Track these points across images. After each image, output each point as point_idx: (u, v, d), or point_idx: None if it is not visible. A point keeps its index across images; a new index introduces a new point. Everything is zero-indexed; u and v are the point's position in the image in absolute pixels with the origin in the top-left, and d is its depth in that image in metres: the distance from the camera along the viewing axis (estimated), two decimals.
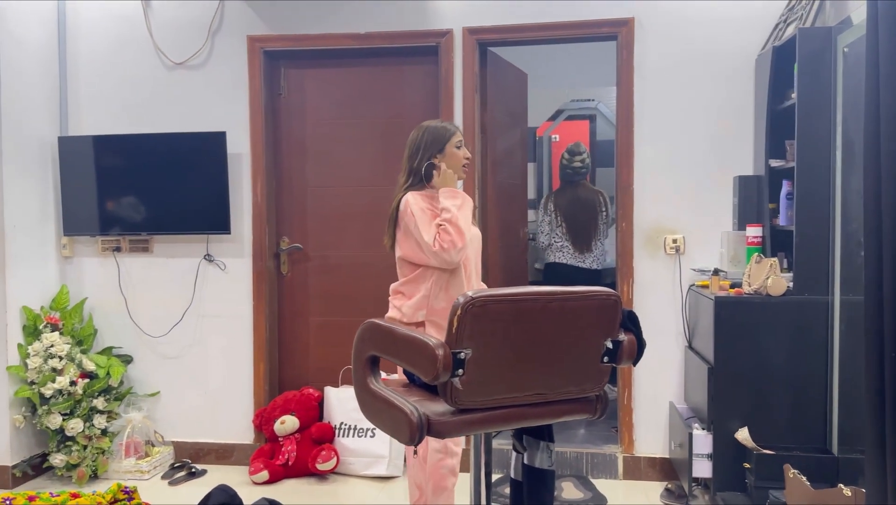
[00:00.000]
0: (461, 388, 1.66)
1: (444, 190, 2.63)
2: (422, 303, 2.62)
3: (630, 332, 1.87)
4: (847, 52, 2.87)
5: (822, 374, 2.96)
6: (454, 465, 2.64)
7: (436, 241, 2.52)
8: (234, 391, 3.93)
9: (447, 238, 2.52)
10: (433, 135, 2.68)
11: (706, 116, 3.55)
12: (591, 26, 3.62)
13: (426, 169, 2.65)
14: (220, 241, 3.90)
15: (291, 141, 3.97)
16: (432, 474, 2.60)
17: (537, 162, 5.83)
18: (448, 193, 2.61)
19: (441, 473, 2.60)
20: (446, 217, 2.55)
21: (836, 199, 2.92)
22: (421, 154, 2.67)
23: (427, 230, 2.55)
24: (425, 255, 2.58)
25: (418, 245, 2.59)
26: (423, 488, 2.63)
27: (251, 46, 3.85)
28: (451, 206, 2.56)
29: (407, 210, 2.59)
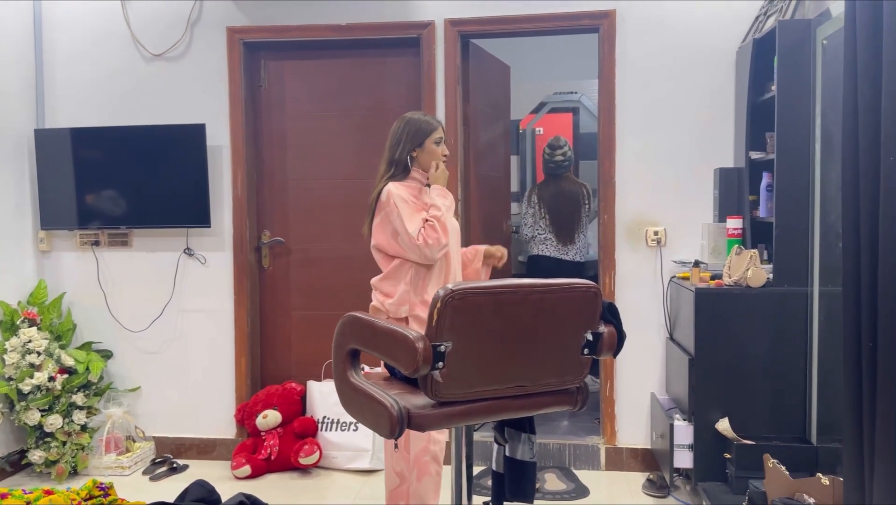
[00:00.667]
0: (441, 381, 1.66)
1: (437, 188, 2.65)
2: (404, 298, 2.62)
3: (610, 324, 1.87)
4: (826, 44, 2.89)
5: (802, 364, 2.99)
6: (437, 452, 2.65)
7: (420, 234, 2.53)
8: (215, 386, 3.90)
9: (433, 235, 2.54)
10: (415, 127, 2.68)
11: (687, 109, 3.56)
12: (573, 18, 3.61)
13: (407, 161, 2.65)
14: (201, 234, 3.87)
15: (272, 133, 3.94)
16: (416, 461, 2.61)
17: (520, 155, 5.83)
18: (441, 192, 2.64)
19: (424, 459, 2.61)
20: (436, 214, 2.56)
21: (815, 191, 2.94)
22: (402, 146, 2.68)
23: (410, 222, 2.55)
24: (402, 246, 2.58)
25: (394, 236, 2.59)
26: (405, 476, 2.63)
27: (231, 38, 3.81)
28: (442, 206, 2.60)
29: (389, 200, 2.59)
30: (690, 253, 3.53)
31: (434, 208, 2.59)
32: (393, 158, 2.68)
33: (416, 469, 2.61)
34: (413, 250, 2.55)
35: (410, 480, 2.63)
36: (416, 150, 2.67)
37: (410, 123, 2.69)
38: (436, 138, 2.69)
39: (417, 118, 2.71)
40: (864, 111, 2.12)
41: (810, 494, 2.57)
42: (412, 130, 2.67)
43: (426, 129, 2.68)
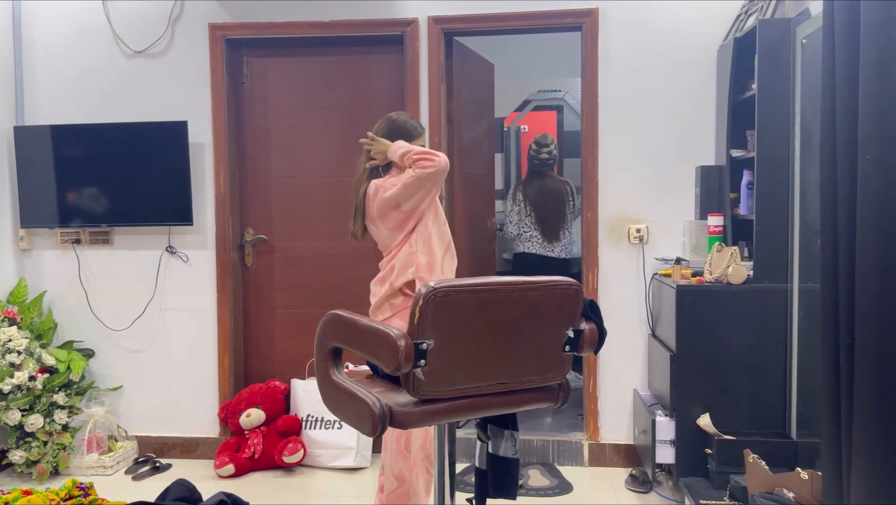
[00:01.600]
0: (423, 378, 1.66)
1: (393, 144, 2.63)
2: (409, 260, 2.61)
3: (591, 321, 1.88)
4: (805, 43, 2.92)
5: (782, 360, 3.02)
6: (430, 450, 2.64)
7: (416, 169, 2.52)
8: (198, 385, 3.88)
9: (424, 159, 2.52)
10: (400, 129, 2.68)
11: (669, 107, 3.58)
12: (556, 17, 3.62)
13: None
14: (183, 232, 3.85)
15: (255, 130, 3.92)
16: (414, 461, 2.61)
17: (505, 152, 5.84)
18: (398, 144, 2.62)
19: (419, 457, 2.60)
20: (408, 151, 2.55)
21: (794, 188, 2.97)
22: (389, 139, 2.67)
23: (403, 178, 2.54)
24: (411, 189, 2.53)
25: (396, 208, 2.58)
26: (404, 477, 2.62)
27: (213, 34, 3.78)
28: (407, 147, 2.58)
29: (377, 195, 2.60)
30: (672, 250, 3.56)
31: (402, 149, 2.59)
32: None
33: (416, 469, 2.61)
34: (423, 180, 2.52)
35: (411, 481, 2.61)
36: None
37: (396, 125, 2.69)
38: (419, 144, 2.69)
39: (404, 120, 2.71)
40: (841, 110, 2.14)
41: (790, 488, 2.60)
42: (397, 132, 2.67)
43: (412, 133, 2.69)
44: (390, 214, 2.61)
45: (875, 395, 2.01)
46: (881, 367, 1.99)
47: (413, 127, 2.71)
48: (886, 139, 1.95)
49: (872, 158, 1.99)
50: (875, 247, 2.00)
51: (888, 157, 1.95)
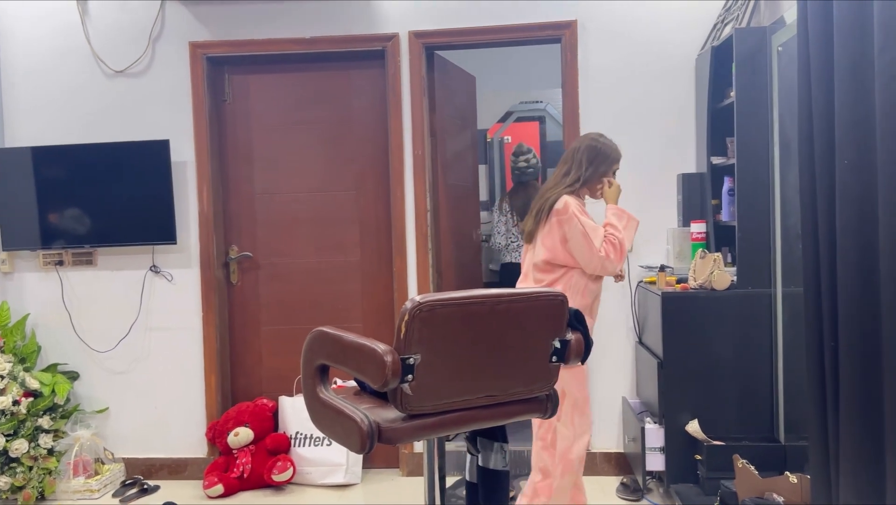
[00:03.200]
0: (411, 393, 1.66)
1: (613, 207, 2.76)
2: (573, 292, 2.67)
3: (577, 330, 1.89)
4: (781, 51, 2.96)
5: (768, 364, 3.04)
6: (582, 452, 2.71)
7: (602, 247, 2.63)
8: (185, 404, 3.85)
9: (613, 251, 2.64)
10: (609, 152, 2.77)
11: (649, 116, 3.61)
12: (536, 29, 3.65)
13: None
14: (167, 251, 3.82)
15: (238, 147, 3.91)
16: (562, 458, 2.66)
17: (489, 164, 5.86)
18: (616, 212, 2.75)
19: (569, 458, 2.66)
20: (613, 232, 2.67)
21: (775, 194, 3.00)
22: (595, 167, 2.74)
23: (595, 235, 2.64)
24: (578, 254, 2.64)
25: (563, 243, 2.64)
26: (549, 472, 2.68)
27: (193, 53, 3.78)
28: (619, 225, 2.71)
29: (567, 210, 2.64)
30: (656, 258, 3.58)
31: (611, 227, 2.70)
32: (584, 175, 2.73)
33: (562, 466, 2.66)
34: (592, 261, 2.64)
35: (554, 476, 2.67)
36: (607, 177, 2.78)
37: (606, 147, 2.78)
38: (615, 168, 2.79)
39: (612, 145, 2.80)
40: (818, 116, 2.17)
41: (779, 492, 2.62)
42: (606, 154, 2.76)
43: (617, 159, 2.78)
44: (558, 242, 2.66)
45: (860, 397, 2.02)
46: (865, 369, 2.00)
47: (617, 154, 2.79)
48: (862, 144, 1.98)
49: (850, 163, 2.02)
50: (855, 250, 2.02)
51: (865, 162, 1.98)
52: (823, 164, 2.15)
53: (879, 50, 1.88)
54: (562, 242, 2.66)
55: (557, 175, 2.78)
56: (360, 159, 3.87)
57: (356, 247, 3.89)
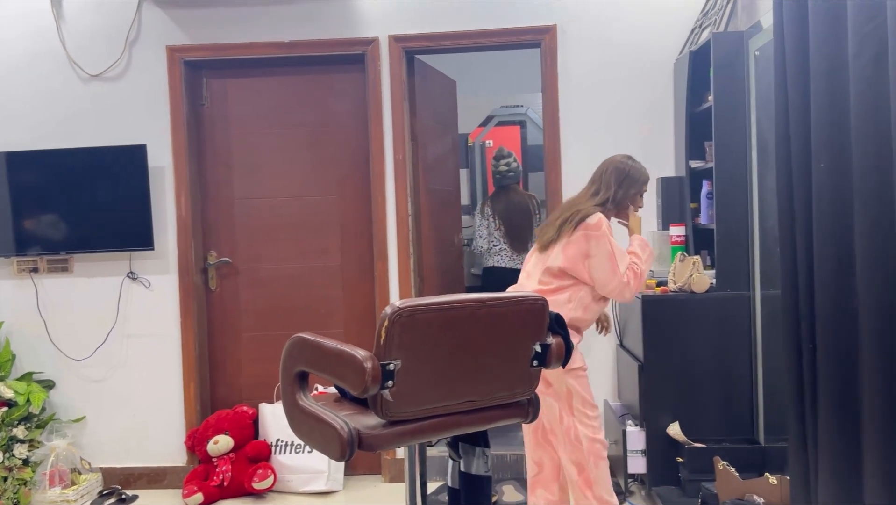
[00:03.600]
0: (392, 399, 1.65)
1: (637, 238, 2.78)
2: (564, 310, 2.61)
3: (558, 334, 1.89)
4: (758, 55, 2.99)
5: (747, 366, 3.06)
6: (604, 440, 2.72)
7: (626, 274, 2.63)
8: (163, 412, 3.80)
9: (635, 280, 2.64)
10: (638, 175, 2.77)
11: (629, 120, 3.63)
12: (516, 34, 3.66)
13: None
14: (144, 257, 3.78)
15: (216, 152, 3.88)
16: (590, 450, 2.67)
17: (470, 168, 5.86)
18: (641, 244, 2.76)
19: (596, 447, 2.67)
20: (636, 262, 2.68)
21: (752, 197, 3.03)
22: (625, 188, 2.74)
23: (622, 259, 2.64)
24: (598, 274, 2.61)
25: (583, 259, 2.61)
26: (583, 465, 2.68)
27: (171, 56, 3.74)
28: (642, 256, 2.73)
29: (601, 229, 2.61)
30: None
31: (635, 257, 2.71)
32: (613, 196, 2.72)
33: (592, 457, 2.68)
34: (611, 283, 2.61)
35: (589, 468, 2.68)
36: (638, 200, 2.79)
37: (635, 171, 2.77)
38: (644, 191, 2.81)
39: (641, 168, 2.79)
40: (794, 120, 2.20)
41: (760, 494, 2.63)
42: (635, 179, 2.75)
43: (643, 182, 2.79)
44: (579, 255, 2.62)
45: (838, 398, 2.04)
46: (843, 370, 2.02)
47: (642, 173, 2.78)
48: (838, 148, 2.00)
49: (826, 166, 2.04)
50: (832, 252, 2.04)
51: (841, 165, 2.00)
52: (800, 168, 2.17)
53: (854, 55, 1.90)
54: (583, 257, 2.62)
55: (586, 193, 2.77)
56: (340, 164, 3.85)
57: (337, 252, 3.86)
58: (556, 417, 2.67)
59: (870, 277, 1.86)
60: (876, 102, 1.84)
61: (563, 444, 2.72)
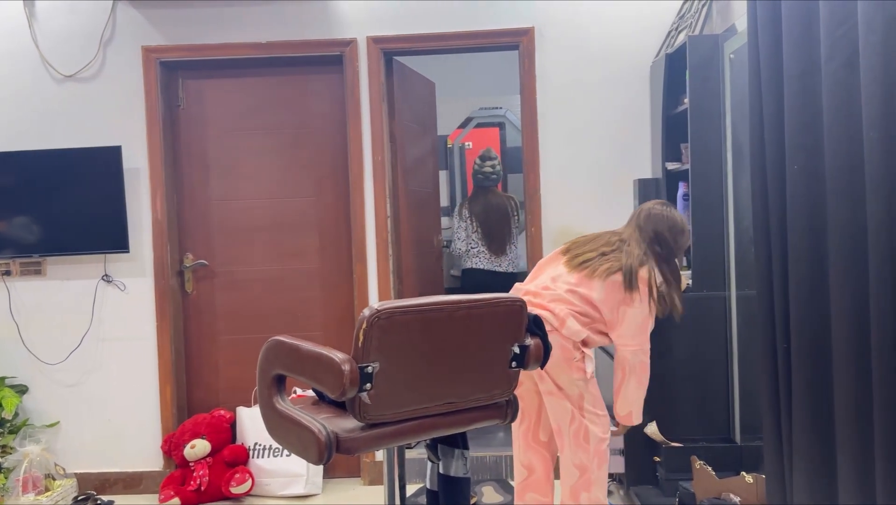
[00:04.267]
0: (370, 402, 1.64)
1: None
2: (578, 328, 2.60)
3: (536, 336, 1.90)
4: (733, 58, 3.02)
5: (724, 366, 3.09)
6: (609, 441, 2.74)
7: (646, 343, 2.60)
8: (139, 417, 3.76)
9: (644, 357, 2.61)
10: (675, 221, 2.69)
11: (606, 122, 3.65)
12: (494, 36, 3.67)
13: None
14: (119, 260, 3.73)
15: (192, 154, 3.84)
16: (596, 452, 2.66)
17: (449, 169, 5.86)
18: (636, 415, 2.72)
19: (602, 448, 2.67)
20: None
21: (728, 198, 3.06)
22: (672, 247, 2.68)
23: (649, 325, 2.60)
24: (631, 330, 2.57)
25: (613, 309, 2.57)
26: (587, 467, 2.66)
27: (146, 57, 3.70)
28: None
29: (646, 286, 2.56)
30: None
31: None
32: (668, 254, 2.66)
33: (597, 458, 2.66)
34: (636, 338, 2.58)
35: (592, 470, 2.66)
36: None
37: (670, 215, 2.70)
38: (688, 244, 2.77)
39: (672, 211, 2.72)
40: (769, 122, 2.22)
41: (736, 492, 2.66)
42: (675, 222, 2.69)
43: (685, 245, 2.74)
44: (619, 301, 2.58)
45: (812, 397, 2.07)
46: (816, 370, 2.05)
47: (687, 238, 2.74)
48: (812, 149, 2.03)
49: (800, 168, 2.07)
50: (806, 253, 2.07)
51: (814, 167, 2.02)
52: (774, 170, 2.20)
53: (826, 58, 1.93)
54: (620, 304, 2.58)
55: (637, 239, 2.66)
56: (318, 165, 3.83)
57: (315, 254, 3.84)
58: (569, 418, 2.64)
59: (842, 276, 1.89)
60: (848, 105, 1.87)
61: (570, 446, 2.69)
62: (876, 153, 1.74)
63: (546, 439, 2.81)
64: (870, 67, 1.75)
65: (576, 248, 2.73)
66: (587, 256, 2.65)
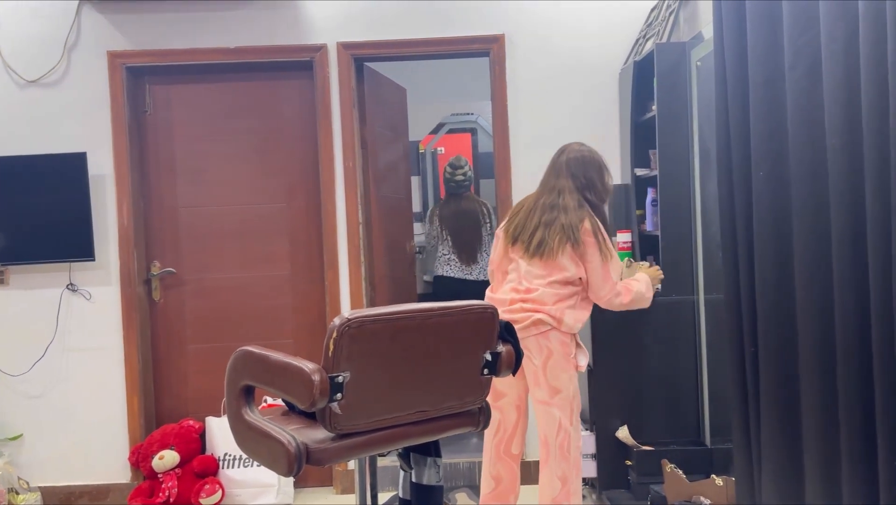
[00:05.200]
0: (340, 412, 1.63)
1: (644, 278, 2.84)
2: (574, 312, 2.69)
3: (508, 342, 1.90)
4: (700, 65, 3.06)
5: (693, 370, 3.12)
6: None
7: (619, 283, 2.70)
8: (106, 428, 3.68)
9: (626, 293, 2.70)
10: (602, 162, 2.79)
11: (576, 128, 3.67)
12: (464, 42, 3.68)
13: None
14: (84, 268, 3.66)
15: (160, 160, 3.79)
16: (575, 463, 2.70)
17: (422, 175, 5.86)
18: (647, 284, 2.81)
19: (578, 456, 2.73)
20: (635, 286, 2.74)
21: (695, 204, 3.10)
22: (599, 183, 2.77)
23: (616, 270, 2.70)
24: (593, 276, 2.64)
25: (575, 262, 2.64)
26: (567, 478, 2.69)
27: (112, 62, 3.64)
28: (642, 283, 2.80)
29: (598, 233, 2.66)
30: None
31: (636, 281, 2.77)
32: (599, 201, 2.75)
33: (575, 469, 2.71)
34: (603, 289, 2.65)
35: (572, 480, 2.69)
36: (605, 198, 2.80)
37: (598, 158, 2.79)
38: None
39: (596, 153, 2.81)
40: (734, 129, 2.26)
41: (706, 495, 2.68)
42: (601, 165, 2.78)
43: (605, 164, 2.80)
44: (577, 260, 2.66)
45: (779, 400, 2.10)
46: (783, 372, 2.08)
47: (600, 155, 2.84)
48: (777, 156, 2.06)
49: (765, 174, 2.10)
50: (772, 258, 2.10)
51: (780, 173, 2.06)
52: (741, 176, 2.23)
53: (790, 66, 1.96)
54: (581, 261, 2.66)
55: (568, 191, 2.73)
56: (289, 171, 3.80)
57: (286, 261, 3.81)
58: (556, 428, 2.67)
59: (807, 280, 1.92)
60: (811, 112, 1.90)
61: (555, 457, 2.71)
62: (838, 160, 1.77)
63: (517, 452, 2.83)
64: (832, 75, 1.78)
65: (517, 231, 2.76)
66: (536, 236, 2.69)
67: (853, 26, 1.72)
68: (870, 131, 1.64)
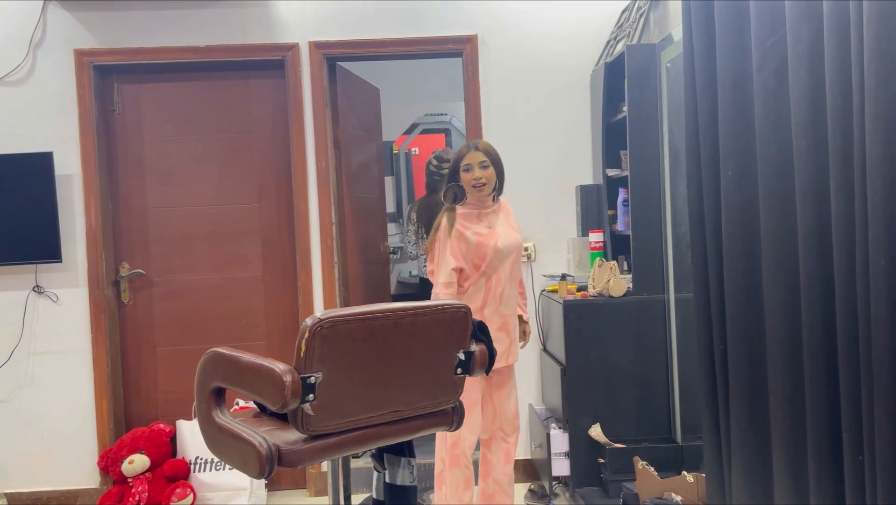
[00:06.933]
0: (313, 413, 1.62)
1: None
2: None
3: (481, 342, 1.90)
4: (670, 67, 3.09)
5: (664, 368, 3.16)
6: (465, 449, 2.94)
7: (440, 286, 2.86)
8: (75, 432, 3.62)
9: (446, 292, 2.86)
10: (454, 161, 2.92)
11: (549, 129, 3.70)
12: (437, 43, 3.68)
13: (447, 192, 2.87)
14: (51, 270, 3.59)
15: (128, 159, 3.73)
16: (449, 451, 2.92)
17: (395, 175, 5.85)
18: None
19: (455, 452, 2.91)
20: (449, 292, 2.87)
21: (666, 204, 3.13)
22: (447, 180, 2.92)
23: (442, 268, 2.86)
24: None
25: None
26: (445, 461, 2.93)
27: (79, 61, 3.58)
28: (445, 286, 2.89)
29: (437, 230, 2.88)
30: (558, 267, 3.66)
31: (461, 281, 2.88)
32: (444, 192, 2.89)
33: (449, 459, 2.90)
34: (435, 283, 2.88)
35: (445, 466, 2.92)
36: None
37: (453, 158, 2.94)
38: (464, 166, 2.87)
39: (455, 152, 2.95)
40: (703, 130, 2.28)
41: (678, 491, 2.71)
42: (453, 165, 2.91)
43: (458, 161, 2.89)
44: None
45: (747, 397, 2.13)
46: (751, 370, 2.11)
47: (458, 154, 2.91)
48: (744, 156, 2.10)
49: (733, 175, 2.13)
50: (740, 257, 2.13)
51: (747, 173, 2.09)
52: (709, 176, 2.26)
53: (757, 68, 1.99)
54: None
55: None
56: (261, 171, 3.77)
57: (258, 261, 3.78)
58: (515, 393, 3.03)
59: (774, 278, 1.95)
60: (777, 112, 1.94)
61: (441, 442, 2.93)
62: (804, 160, 1.80)
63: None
64: (797, 77, 1.82)
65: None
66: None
67: (818, 29, 1.75)
68: (834, 131, 1.68)
